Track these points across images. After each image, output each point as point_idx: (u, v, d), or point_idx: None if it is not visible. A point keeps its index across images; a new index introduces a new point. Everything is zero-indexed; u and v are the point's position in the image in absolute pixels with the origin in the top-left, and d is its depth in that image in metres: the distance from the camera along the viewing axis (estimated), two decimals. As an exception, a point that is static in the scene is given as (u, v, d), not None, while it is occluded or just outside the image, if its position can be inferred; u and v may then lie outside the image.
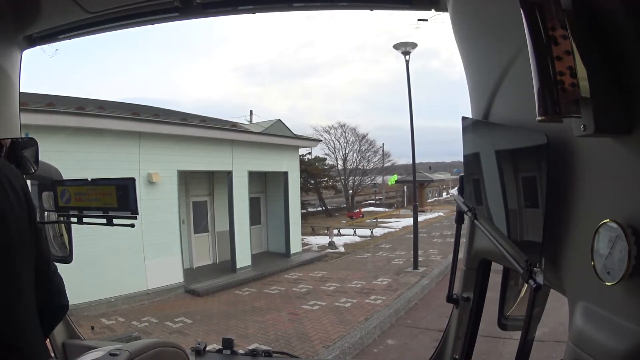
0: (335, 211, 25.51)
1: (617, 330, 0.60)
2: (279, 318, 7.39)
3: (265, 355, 1.83)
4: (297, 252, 13.00)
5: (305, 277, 10.44)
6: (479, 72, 1.22)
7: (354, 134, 27.65)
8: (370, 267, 11.19)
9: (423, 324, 6.93)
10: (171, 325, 7.14)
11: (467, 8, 1.20)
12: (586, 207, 0.71)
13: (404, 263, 11.26)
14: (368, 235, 16.20)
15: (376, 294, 8.43)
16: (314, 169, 22.94)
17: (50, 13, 1.52)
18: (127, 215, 1.55)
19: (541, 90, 0.60)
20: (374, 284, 9.29)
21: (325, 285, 9.51)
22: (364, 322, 6.84)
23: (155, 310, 7.90)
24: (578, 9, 0.60)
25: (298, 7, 1.60)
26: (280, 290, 9.39)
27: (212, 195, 11.91)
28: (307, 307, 7.96)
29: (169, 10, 1.52)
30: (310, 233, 16.90)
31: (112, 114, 8.66)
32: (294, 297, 8.72)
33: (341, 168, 27.50)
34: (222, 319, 7.50)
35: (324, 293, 8.84)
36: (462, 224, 1.39)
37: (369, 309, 7.55)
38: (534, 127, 0.77)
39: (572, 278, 0.77)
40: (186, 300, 8.75)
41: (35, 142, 1.51)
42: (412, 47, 10.76)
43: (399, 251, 13.02)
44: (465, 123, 1.29)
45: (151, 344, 0.90)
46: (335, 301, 8.16)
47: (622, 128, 0.58)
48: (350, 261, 12.20)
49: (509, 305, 1.43)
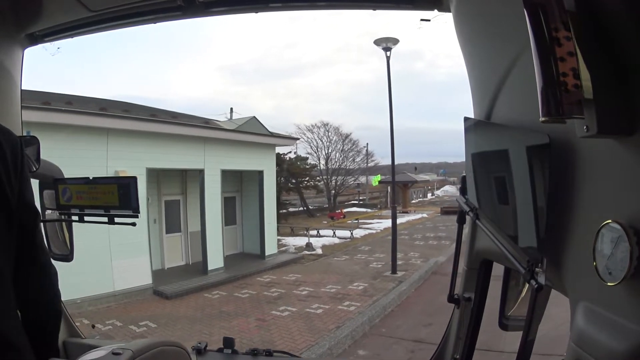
0: (318, 211, 25.31)
1: (619, 331, 0.60)
2: (245, 324, 7.09)
3: (266, 354, 1.83)
4: (273, 254, 12.61)
5: (278, 280, 10.13)
6: (481, 73, 1.23)
7: (337, 134, 27.53)
8: (347, 270, 10.84)
9: (398, 333, 6.60)
10: (134, 329, 6.86)
11: (470, 8, 1.20)
12: (588, 208, 0.72)
13: (383, 267, 10.90)
14: (348, 236, 15.94)
15: (350, 300, 8.13)
16: (296, 168, 22.72)
17: (52, 11, 1.52)
18: (129, 213, 1.56)
19: (544, 91, 0.60)
20: (349, 289, 8.97)
21: (298, 289, 9.20)
22: (335, 330, 6.52)
23: (121, 312, 7.64)
24: (581, 10, 0.60)
25: (301, 6, 1.60)
26: (251, 294, 9.08)
27: (185, 194, 11.60)
28: (277, 312, 7.66)
29: (172, 9, 1.52)
30: (289, 234, 16.60)
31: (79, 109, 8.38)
32: (265, 302, 8.42)
33: (323, 168, 27.35)
34: (187, 323, 7.24)
35: (296, 298, 8.55)
36: (464, 224, 1.39)
37: (342, 316, 7.24)
38: (536, 128, 0.77)
39: (574, 278, 0.77)
40: (154, 303, 8.49)
41: (37, 140, 1.52)
42: (393, 43, 10.43)
43: (378, 254, 12.64)
44: (467, 123, 1.29)
45: (153, 343, 0.91)
46: (307, 307, 7.85)
47: (624, 129, 0.59)
48: (327, 264, 11.82)
49: (510, 305, 1.43)
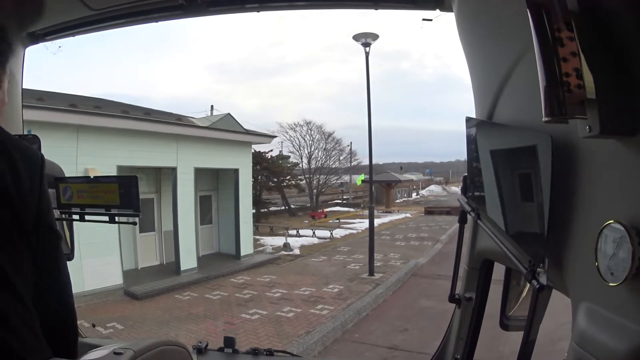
0: (300, 210, 25.09)
1: (621, 331, 0.60)
2: (213, 328, 6.87)
3: (266, 354, 1.83)
4: (249, 254, 12.30)
5: (252, 281, 9.88)
6: (483, 72, 1.22)
7: (319, 132, 27.25)
8: (324, 271, 10.55)
9: (372, 338, 6.33)
10: (101, 331, 6.72)
11: (473, 8, 1.20)
12: (590, 208, 0.72)
13: (360, 268, 10.61)
14: (328, 236, 15.60)
15: (324, 303, 7.86)
16: (277, 166, 22.48)
17: (53, 10, 1.52)
18: (130, 212, 1.56)
19: (547, 91, 0.60)
20: (323, 291, 8.70)
21: (271, 291, 8.97)
22: (305, 335, 6.24)
23: (89, 313, 7.41)
24: (584, 10, 0.60)
25: (303, 5, 1.60)
26: (223, 295, 8.81)
27: (160, 193, 11.35)
28: (247, 315, 7.41)
29: (173, 8, 1.53)
30: (268, 233, 16.27)
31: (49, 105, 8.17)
32: (235, 304, 8.19)
33: (306, 167, 27.05)
34: (154, 325, 7.07)
35: (268, 300, 8.33)
36: (465, 223, 1.39)
37: (313, 320, 6.97)
38: (538, 128, 0.77)
39: (576, 279, 0.77)
40: (123, 304, 8.34)
41: (38, 139, 1.52)
42: (372, 38, 10.19)
43: (357, 255, 12.34)
44: (469, 123, 1.29)
45: (154, 342, 0.91)
46: (278, 310, 7.62)
47: (627, 129, 0.59)
48: (304, 265, 11.51)
49: (511, 305, 1.43)
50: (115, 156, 8.76)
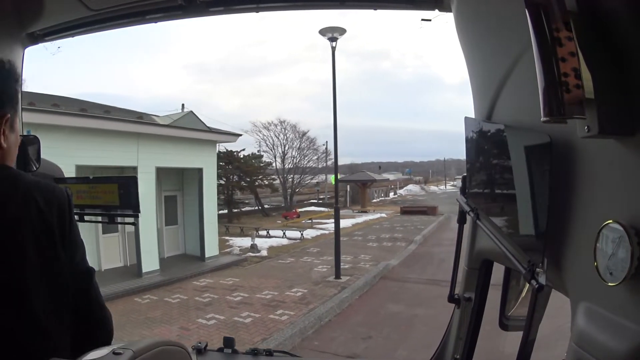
0: (274, 210, 24.70)
1: (620, 331, 0.60)
2: (167, 333, 6.61)
3: (266, 354, 1.84)
4: (214, 256, 11.95)
5: (214, 284, 9.60)
6: (482, 73, 1.22)
7: (294, 131, 26.71)
8: (289, 274, 10.20)
9: (332, 346, 5.99)
10: None
11: (471, 8, 1.20)
12: (589, 208, 0.72)
13: (328, 270, 10.20)
14: (298, 237, 15.21)
15: (285, 308, 7.55)
16: (249, 166, 22.20)
17: (53, 10, 1.52)
18: (129, 213, 1.56)
19: (546, 91, 0.60)
20: (285, 295, 8.39)
21: (232, 295, 8.68)
22: (260, 343, 5.99)
23: None
24: (583, 10, 0.60)
25: (302, 5, 1.60)
26: (182, 299, 8.56)
27: None
28: (203, 321, 7.15)
29: (173, 8, 1.52)
30: (238, 234, 15.81)
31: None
32: (194, 308, 7.93)
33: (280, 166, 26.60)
34: None
35: (228, 304, 8.05)
36: (464, 224, 1.39)
37: (271, 326, 6.70)
38: (537, 128, 0.77)
39: (575, 279, 0.77)
40: None
41: (37, 139, 1.52)
42: (340, 32, 10.04)
43: (326, 256, 11.81)
44: (468, 123, 1.29)
45: (154, 342, 0.91)
46: (237, 315, 7.34)
47: (625, 129, 0.59)
48: (270, 267, 11.21)
49: (511, 305, 1.43)
50: (73, 155, 8.39)
